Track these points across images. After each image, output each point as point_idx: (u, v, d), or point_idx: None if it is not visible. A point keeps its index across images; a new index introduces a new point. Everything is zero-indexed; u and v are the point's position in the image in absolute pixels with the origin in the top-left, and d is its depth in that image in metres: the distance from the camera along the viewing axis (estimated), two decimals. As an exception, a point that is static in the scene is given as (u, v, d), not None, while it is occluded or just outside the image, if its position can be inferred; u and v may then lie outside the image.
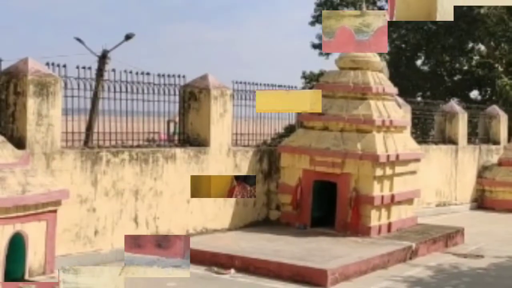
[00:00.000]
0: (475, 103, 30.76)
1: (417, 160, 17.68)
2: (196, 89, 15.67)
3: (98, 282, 7.81)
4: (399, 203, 16.84)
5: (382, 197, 16.15)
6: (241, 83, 16.82)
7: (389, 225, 16.47)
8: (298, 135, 17.10)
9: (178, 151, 14.85)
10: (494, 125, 26.44)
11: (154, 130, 15.71)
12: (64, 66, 13.01)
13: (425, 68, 37.33)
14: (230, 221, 16.00)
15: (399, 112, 17.78)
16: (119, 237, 13.45)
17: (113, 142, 14.13)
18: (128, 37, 32.01)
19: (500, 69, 31.81)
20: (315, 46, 38.65)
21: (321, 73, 29.97)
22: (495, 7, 30.47)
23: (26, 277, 10.60)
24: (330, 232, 15.95)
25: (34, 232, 10.74)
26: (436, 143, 23.45)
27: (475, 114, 26.63)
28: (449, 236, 16.84)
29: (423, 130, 26.70)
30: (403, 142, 17.11)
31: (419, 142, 20.27)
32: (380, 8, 37.36)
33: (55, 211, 11.10)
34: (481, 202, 24.61)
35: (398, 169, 16.71)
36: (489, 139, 26.30)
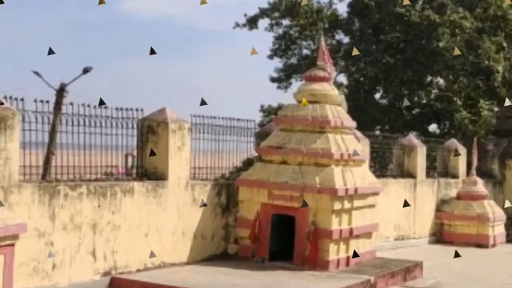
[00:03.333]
0: (433, 136, 31.13)
1: (375, 193, 17.88)
2: (154, 122, 15.79)
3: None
4: (358, 237, 17.01)
5: (341, 231, 16.32)
6: (199, 116, 16.90)
7: (348, 259, 16.61)
8: (257, 169, 17.27)
9: (136, 185, 14.98)
10: (452, 159, 26.71)
11: (112, 164, 15.78)
12: (22, 99, 13.10)
13: (384, 101, 37.58)
14: (188, 255, 16.12)
15: (357, 145, 17.94)
16: (77, 271, 13.66)
17: (71, 176, 14.20)
18: (86, 70, 32.07)
19: (459, 102, 32.14)
20: (274, 80, 38.75)
21: (280, 107, 30.14)
22: (454, 41, 30.89)
23: (-16, 311, 10.74)
24: (288, 266, 16.14)
25: (-9, 266, 10.85)
26: (394, 176, 23.67)
27: (434, 147, 26.98)
28: (408, 270, 17.06)
29: (382, 164, 26.91)
30: (361, 176, 17.32)
31: (378, 176, 20.53)
32: (339, 42, 37.79)
33: (13, 245, 11.18)
34: (439, 236, 24.90)
35: (357, 203, 16.89)
36: (448, 172, 26.62)
